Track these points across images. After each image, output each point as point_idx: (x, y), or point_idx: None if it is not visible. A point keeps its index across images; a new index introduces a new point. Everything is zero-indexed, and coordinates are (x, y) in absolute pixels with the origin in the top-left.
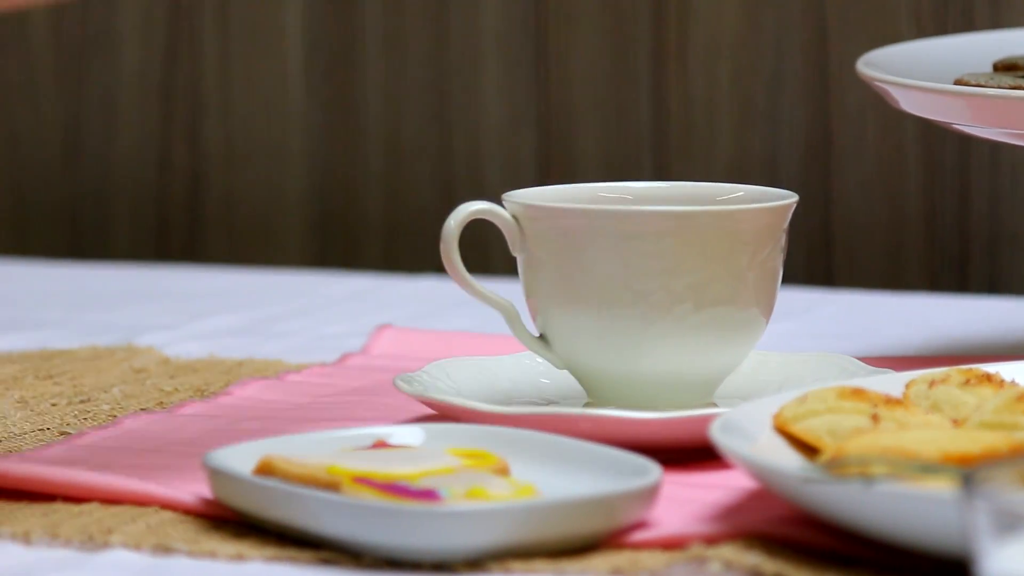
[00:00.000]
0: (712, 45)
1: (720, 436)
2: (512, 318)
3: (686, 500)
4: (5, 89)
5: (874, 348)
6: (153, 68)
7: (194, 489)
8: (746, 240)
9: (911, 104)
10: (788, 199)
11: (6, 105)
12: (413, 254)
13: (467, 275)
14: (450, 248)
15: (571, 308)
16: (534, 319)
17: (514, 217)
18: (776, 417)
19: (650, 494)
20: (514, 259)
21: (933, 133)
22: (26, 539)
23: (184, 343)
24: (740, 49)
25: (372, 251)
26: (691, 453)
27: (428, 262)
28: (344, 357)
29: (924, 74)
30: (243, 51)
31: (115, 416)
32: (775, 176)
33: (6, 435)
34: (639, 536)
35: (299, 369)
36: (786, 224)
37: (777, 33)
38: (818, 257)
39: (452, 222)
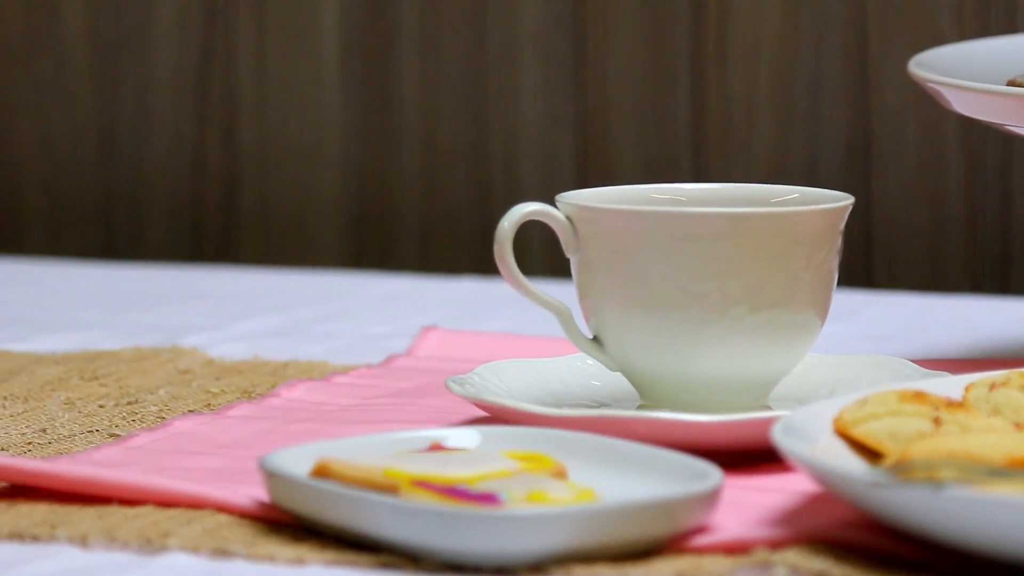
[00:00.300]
0: (752, 45)
1: (782, 439)
2: (566, 320)
3: (745, 504)
4: (39, 89)
5: (921, 350)
6: (188, 68)
7: (249, 492)
8: (802, 242)
9: (963, 105)
10: (844, 201)
11: (40, 105)
12: (449, 255)
13: (521, 276)
14: (504, 249)
15: (625, 310)
16: (587, 321)
17: (568, 218)
18: (836, 420)
19: (712, 498)
20: (554, 261)
21: (975, 134)
22: (83, 542)
23: (227, 344)
24: (780, 50)
25: (408, 252)
26: (744, 456)
27: (464, 263)
28: (390, 359)
29: (973, 75)
30: (279, 51)
31: (163, 418)
32: (815, 177)
33: (56, 437)
34: (701, 540)
35: (345, 371)
36: (842, 226)
37: (817, 33)
38: (858, 258)
39: (506, 223)
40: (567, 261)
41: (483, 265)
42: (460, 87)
